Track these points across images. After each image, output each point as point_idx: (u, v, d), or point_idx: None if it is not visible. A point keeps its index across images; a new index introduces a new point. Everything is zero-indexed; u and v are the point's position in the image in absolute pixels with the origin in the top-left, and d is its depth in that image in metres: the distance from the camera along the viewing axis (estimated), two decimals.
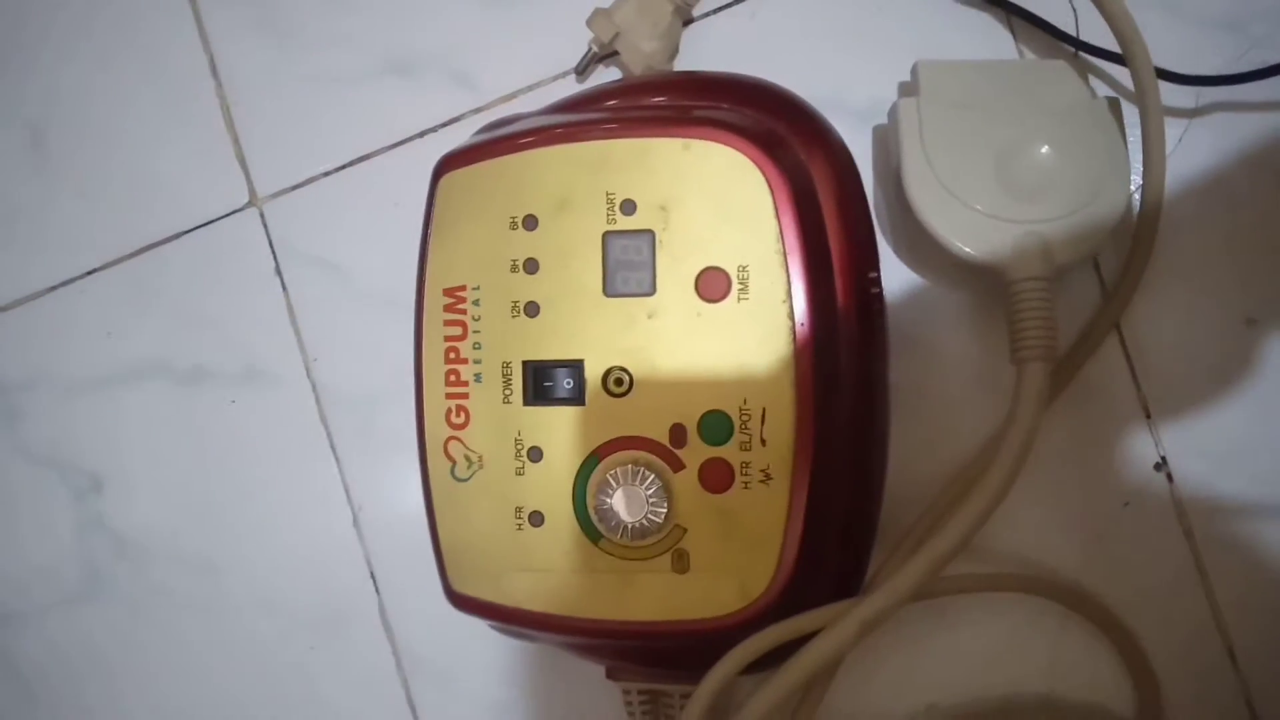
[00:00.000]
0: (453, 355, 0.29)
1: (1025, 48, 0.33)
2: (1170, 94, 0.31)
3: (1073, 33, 0.32)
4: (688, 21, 0.34)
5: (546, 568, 0.28)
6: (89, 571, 0.39)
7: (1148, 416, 0.32)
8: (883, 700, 0.33)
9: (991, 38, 0.33)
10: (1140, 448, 0.32)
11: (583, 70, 0.34)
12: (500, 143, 0.28)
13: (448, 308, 0.29)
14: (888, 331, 0.30)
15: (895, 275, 0.33)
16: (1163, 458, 0.32)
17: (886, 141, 0.32)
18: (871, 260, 0.29)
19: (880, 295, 0.29)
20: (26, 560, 0.40)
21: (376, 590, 0.36)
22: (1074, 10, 0.31)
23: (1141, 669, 0.31)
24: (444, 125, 0.36)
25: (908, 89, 0.31)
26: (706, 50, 0.35)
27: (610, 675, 0.31)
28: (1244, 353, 0.32)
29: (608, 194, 0.28)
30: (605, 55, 0.34)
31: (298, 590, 0.37)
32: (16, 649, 0.40)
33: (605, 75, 0.35)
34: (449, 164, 0.29)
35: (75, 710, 0.40)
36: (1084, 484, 0.32)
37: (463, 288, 0.29)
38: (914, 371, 0.32)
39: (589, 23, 0.33)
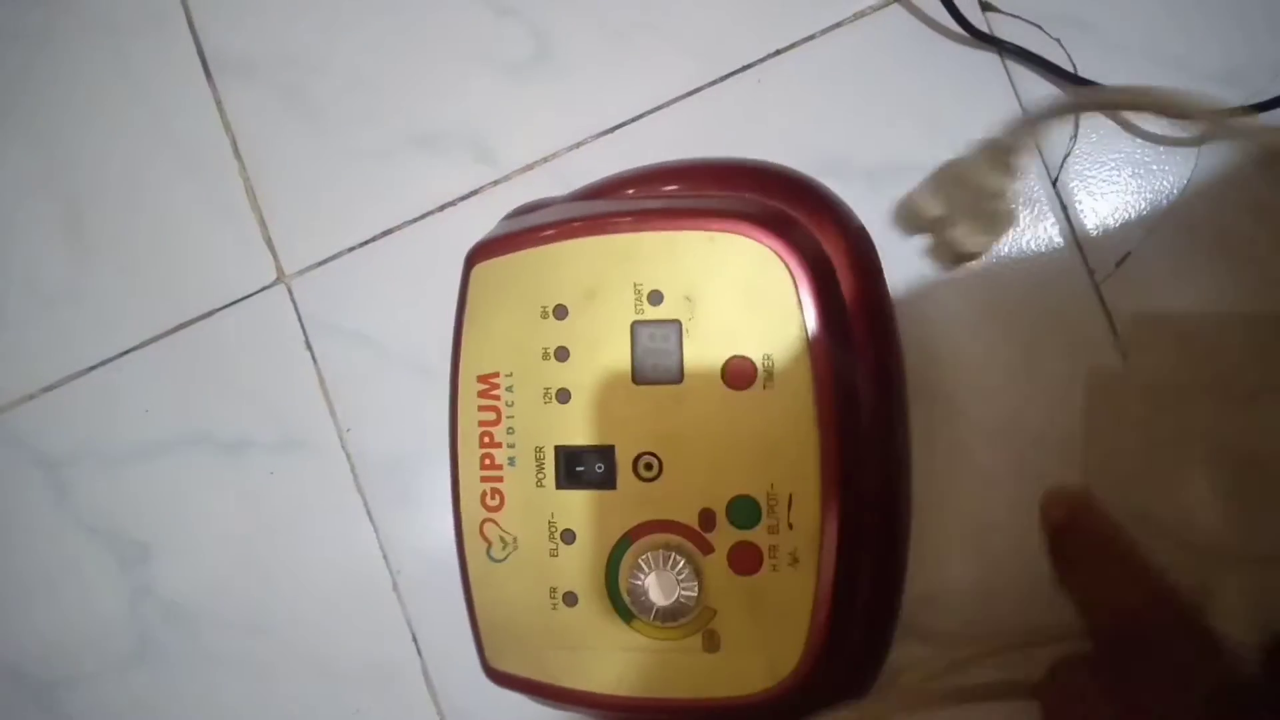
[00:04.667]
0: (487, 440, 0.30)
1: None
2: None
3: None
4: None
5: (581, 646, 0.29)
6: (138, 637, 0.40)
7: None
8: None
9: (991, 83, 0.34)
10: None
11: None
12: (530, 234, 0.29)
13: (482, 394, 0.30)
14: (908, 414, 0.31)
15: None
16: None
17: None
18: (893, 348, 0.30)
19: (903, 377, 0.30)
20: (79, 628, 0.41)
21: (419, 652, 0.37)
22: (1065, 51, 0.32)
23: None
24: (465, 198, 0.37)
25: None
26: (714, 117, 0.35)
27: None
28: None
29: (635, 284, 0.28)
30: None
31: (342, 652, 0.38)
32: (76, 709, 0.41)
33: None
34: (480, 254, 0.30)
35: None
36: None
37: (496, 374, 0.30)
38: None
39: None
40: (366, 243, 0.38)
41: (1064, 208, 0.32)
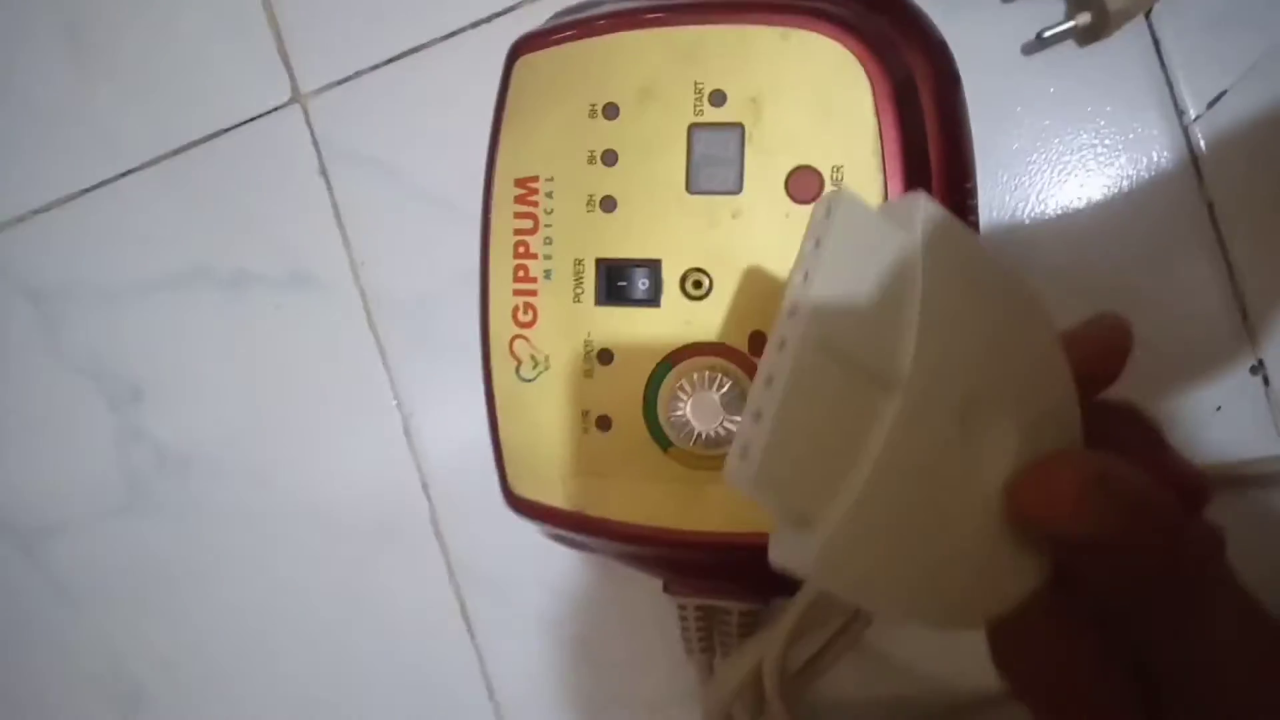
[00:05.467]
0: (522, 250, 0.28)
1: None
2: None
3: None
4: None
5: (612, 474, 0.27)
6: (129, 484, 0.38)
7: (1244, 318, 0.30)
8: None
9: None
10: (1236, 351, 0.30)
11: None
12: (583, 24, 0.27)
13: (518, 199, 0.27)
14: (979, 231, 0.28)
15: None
16: (1260, 360, 0.30)
17: None
18: (969, 172, 0.28)
19: (975, 209, 0.28)
20: (67, 472, 0.39)
21: (428, 499, 0.35)
22: None
23: None
24: (500, 14, 0.34)
25: None
26: None
27: (668, 590, 0.30)
28: None
29: (696, 84, 0.26)
30: None
31: (348, 500, 0.36)
32: (59, 560, 0.39)
33: None
34: (527, 45, 0.27)
35: (115, 620, 0.39)
36: (1173, 385, 0.31)
37: (535, 178, 0.27)
38: None
39: None
40: (391, 60, 0.35)
41: (1155, 41, 0.30)
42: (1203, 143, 0.30)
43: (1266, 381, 0.30)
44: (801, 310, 0.16)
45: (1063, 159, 0.30)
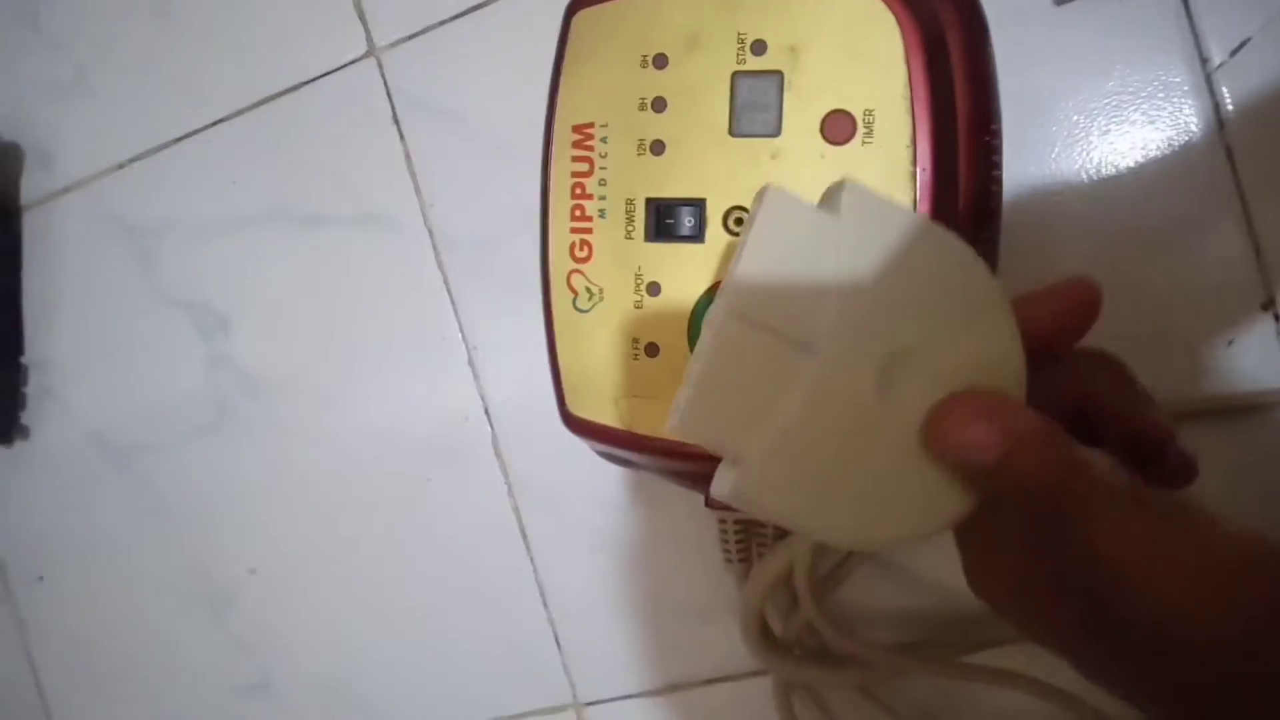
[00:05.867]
0: (579, 191, 0.30)
1: None
2: None
3: None
4: None
5: (660, 395, 0.30)
6: (216, 406, 0.42)
7: (1258, 256, 0.31)
8: None
9: None
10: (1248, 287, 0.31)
11: None
12: None
13: (576, 144, 0.30)
14: (1003, 191, 0.30)
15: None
16: (1271, 297, 0.32)
17: None
18: (994, 116, 0.29)
19: (999, 150, 0.30)
20: (161, 396, 0.43)
21: (490, 423, 0.39)
22: None
23: None
24: None
25: None
26: None
27: (709, 504, 0.33)
28: None
29: (739, 34, 0.28)
30: None
31: (416, 424, 0.40)
32: (153, 474, 0.43)
33: None
34: (583, 1, 0.29)
35: (203, 529, 0.43)
36: (1188, 322, 0.32)
37: (591, 125, 0.30)
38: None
39: None
40: (460, 15, 0.38)
41: None
42: (1225, 90, 0.31)
43: (1277, 318, 0.31)
44: (726, 288, 0.19)
45: (1089, 105, 0.32)
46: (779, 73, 0.28)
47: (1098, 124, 0.32)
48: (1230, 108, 0.31)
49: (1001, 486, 0.19)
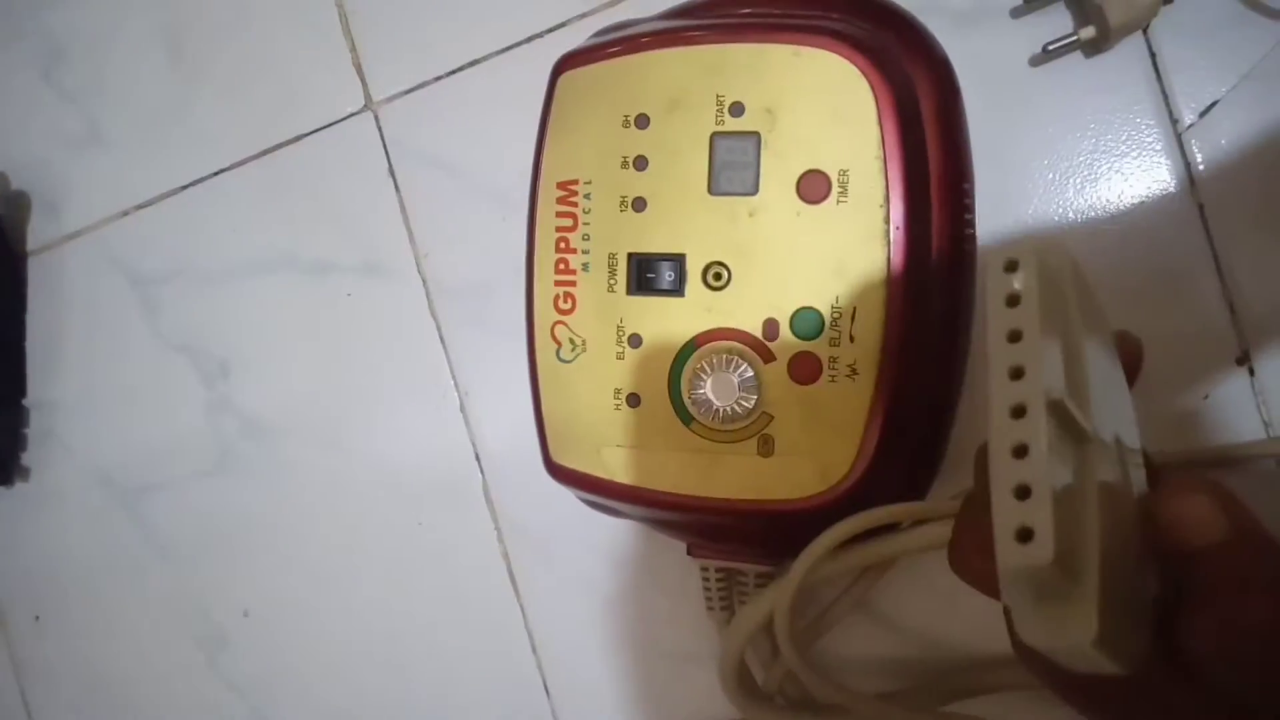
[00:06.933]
0: (563, 245, 0.31)
1: None
2: None
3: None
4: None
5: (640, 445, 0.31)
6: (218, 448, 0.43)
7: (1231, 312, 0.32)
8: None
9: None
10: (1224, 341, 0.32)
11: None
12: (619, 43, 0.30)
13: (560, 200, 0.31)
14: (976, 246, 0.31)
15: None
16: (1245, 351, 0.32)
17: None
18: (966, 174, 0.30)
19: (971, 208, 0.30)
20: (163, 438, 0.44)
21: (480, 468, 0.39)
22: None
23: None
24: (552, 30, 0.38)
25: None
26: None
27: (691, 552, 0.33)
28: None
29: (718, 96, 0.29)
30: None
31: (409, 468, 0.40)
32: (154, 516, 0.44)
33: None
34: (568, 63, 0.31)
35: (203, 569, 0.44)
36: (1165, 375, 0.32)
37: (575, 181, 0.31)
38: None
39: None
40: (453, 72, 0.39)
41: (1152, 54, 0.32)
42: (1196, 149, 0.32)
43: (1251, 372, 0.32)
44: (1031, 373, 0.15)
45: (1064, 164, 0.33)
46: (756, 134, 0.29)
47: (1073, 181, 0.33)
48: (1201, 166, 0.32)
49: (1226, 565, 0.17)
